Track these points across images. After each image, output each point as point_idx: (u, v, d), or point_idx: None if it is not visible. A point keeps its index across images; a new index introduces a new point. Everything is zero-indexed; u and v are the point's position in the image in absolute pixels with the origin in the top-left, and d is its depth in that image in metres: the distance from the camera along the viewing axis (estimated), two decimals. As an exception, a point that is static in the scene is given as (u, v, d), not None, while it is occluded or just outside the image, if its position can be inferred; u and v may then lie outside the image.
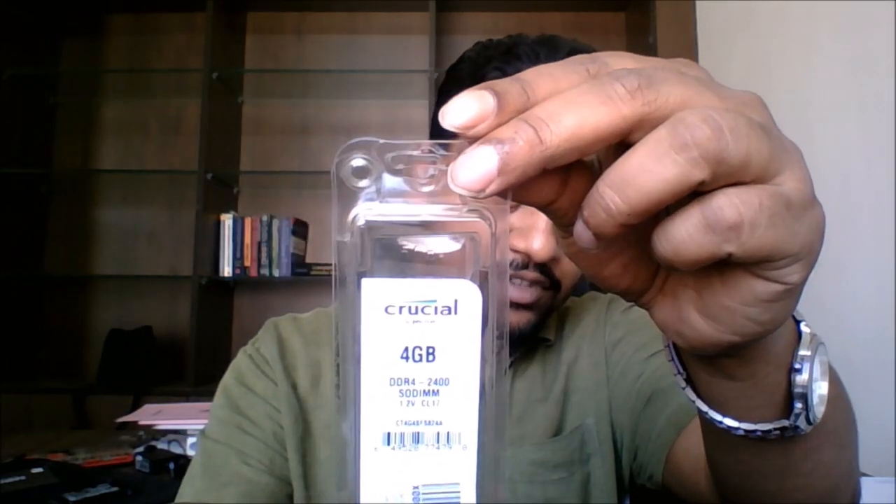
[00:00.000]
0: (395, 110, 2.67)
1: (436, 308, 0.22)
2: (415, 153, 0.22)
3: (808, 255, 0.23)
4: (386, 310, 0.22)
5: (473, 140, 0.21)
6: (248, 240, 2.43)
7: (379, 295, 0.22)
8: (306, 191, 2.62)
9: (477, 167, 0.20)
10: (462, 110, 0.21)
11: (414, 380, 0.23)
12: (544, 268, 0.63)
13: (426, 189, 0.22)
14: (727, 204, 0.20)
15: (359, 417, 0.23)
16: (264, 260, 2.43)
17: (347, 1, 2.64)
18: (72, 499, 1.08)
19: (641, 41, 2.44)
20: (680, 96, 0.21)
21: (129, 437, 1.56)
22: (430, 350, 0.23)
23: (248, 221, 2.45)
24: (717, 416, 0.33)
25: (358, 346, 0.22)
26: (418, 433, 0.23)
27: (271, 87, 2.69)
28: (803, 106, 1.54)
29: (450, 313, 0.22)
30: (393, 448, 0.23)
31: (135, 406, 2.00)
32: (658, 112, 0.21)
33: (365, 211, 0.22)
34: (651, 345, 0.67)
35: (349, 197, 0.22)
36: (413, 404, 0.23)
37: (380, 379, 0.23)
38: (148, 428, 1.46)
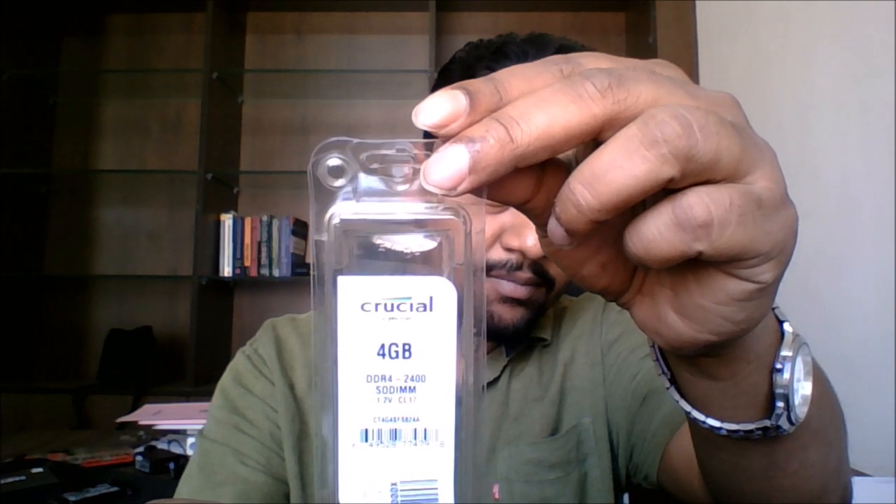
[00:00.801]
0: (395, 110, 2.67)
1: (411, 305, 0.22)
2: (389, 152, 0.22)
3: (780, 255, 0.23)
4: (362, 307, 0.22)
5: (447, 139, 0.21)
6: (248, 240, 2.43)
7: (355, 293, 0.22)
8: (306, 191, 2.58)
9: (448, 165, 0.21)
10: (434, 109, 0.21)
11: (391, 376, 0.23)
12: (538, 266, 0.63)
13: (402, 188, 0.23)
14: (697, 202, 0.21)
15: (336, 414, 0.23)
16: (264, 260, 2.43)
17: (347, 1, 2.64)
18: (72, 499, 1.08)
19: (641, 41, 2.44)
20: (651, 95, 0.21)
21: (129, 437, 1.56)
22: (407, 347, 0.23)
23: (248, 221, 2.45)
24: (701, 416, 0.33)
25: (335, 343, 0.23)
26: (396, 430, 0.23)
27: (271, 87, 2.69)
28: (803, 106, 1.54)
29: (425, 310, 0.23)
30: (371, 445, 0.23)
31: (135, 406, 2.00)
32: (629, 111, 0.21)
33: (341, 210, 0.23)
34: (647, 345, 0.67)
35: (326, 196, 0.23)
36: (390, 401, 0.23)
37: (357, 376, 0.23)
38: (148, 428, 1.46)
